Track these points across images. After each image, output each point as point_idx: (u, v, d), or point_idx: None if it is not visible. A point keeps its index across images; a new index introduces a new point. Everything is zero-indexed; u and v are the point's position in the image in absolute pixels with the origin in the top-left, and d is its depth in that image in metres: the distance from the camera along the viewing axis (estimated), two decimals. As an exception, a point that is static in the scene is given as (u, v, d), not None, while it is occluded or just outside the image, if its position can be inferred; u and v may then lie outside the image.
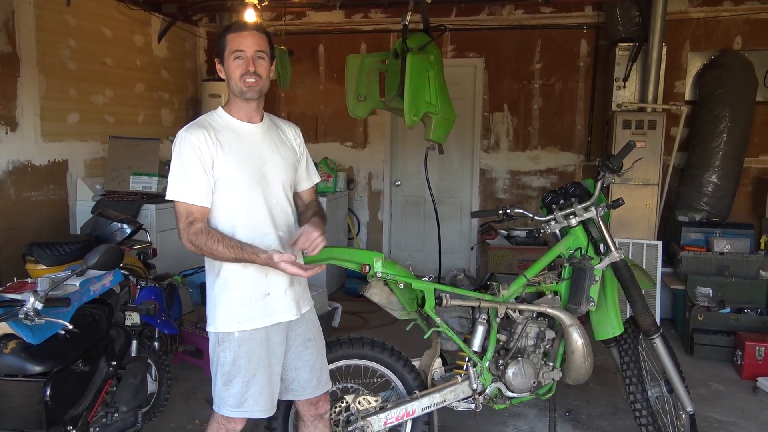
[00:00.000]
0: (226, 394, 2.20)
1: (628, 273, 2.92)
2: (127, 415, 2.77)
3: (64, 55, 5.02)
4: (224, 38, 2.17)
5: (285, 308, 2.25)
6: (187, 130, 2.12)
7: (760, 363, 4.19)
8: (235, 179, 2.13)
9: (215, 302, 2.20)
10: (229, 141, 2.15)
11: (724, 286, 4.77)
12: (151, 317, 3.26)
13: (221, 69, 2.20)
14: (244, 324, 2.17)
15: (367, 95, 3.90)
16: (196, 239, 2.06)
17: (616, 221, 5.32)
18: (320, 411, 2.48)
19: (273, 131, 2.30)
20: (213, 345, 2.23)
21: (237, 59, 2.14)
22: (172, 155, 2.13)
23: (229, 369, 2.19)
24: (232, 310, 2.17)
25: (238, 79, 2.14)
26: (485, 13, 6.42)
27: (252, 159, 2.18)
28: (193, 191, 2.09)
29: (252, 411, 2.22)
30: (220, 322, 2.18)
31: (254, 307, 2.18)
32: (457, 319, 2.89)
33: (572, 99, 6.38)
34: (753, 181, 5.96)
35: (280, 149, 2.29)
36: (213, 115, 2.23)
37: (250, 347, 2.18)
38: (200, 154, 2.09)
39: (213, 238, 2.06)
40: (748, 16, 5.84)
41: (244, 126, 2.21)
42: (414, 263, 4.22)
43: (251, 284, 2.18)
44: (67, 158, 5.11)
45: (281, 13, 6.44)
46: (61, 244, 3.55)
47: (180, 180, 2.10)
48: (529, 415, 3.66)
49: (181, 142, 2.11)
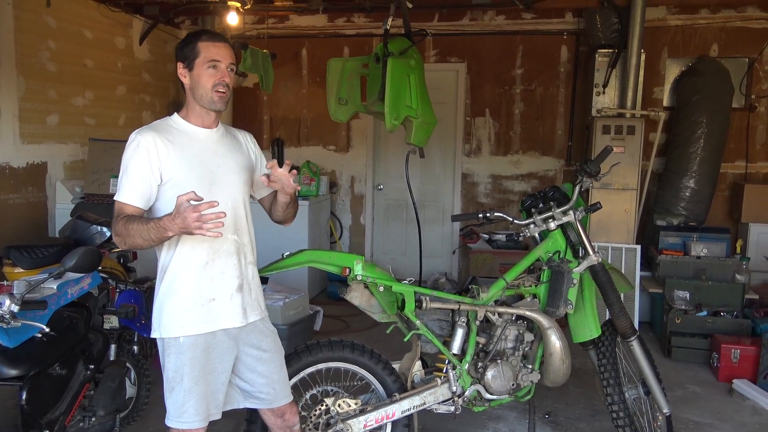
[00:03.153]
0: (169, 402, 2.17)
1: (605, 276, 2.96)
2: (105, 420, 2.76)
3: (43, 56, 4.97)
4: (196, 45, 2.14)
5: (231, 314, 2.21)
6: (138, 132, 2.14)
7: (735, 365, 4.26)
8: (185, 180, 2.11)
9: (160, 307, 2.16)
10: (182, 144, 2.15)
11: (700, 290, 4.83)
12: (130, 320, 3.24)
13: (185, 74, 2.17)
14: (188, 329, 2.14)
15: (348, 99, 3.92)
16: (119, 228, 2.04)
17: (595, 225, 5.38)
18: (288, 423, 2.45)
19: (227, 137, 2.31)
20: (161, 352, 2.20)
21: (211, 68, 2.13)
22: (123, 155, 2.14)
23: (172, 375, 2.15)
24: (176, 314, 2.14)
25: (210, 89, 2.14)
26: (467, 19, 6.47)
27: (204, 161, 2.18)
28: (129, 191, 2.09)
29: (191, 421, 2.15)
30: (164, 328, 2.15)
31: (198, 312, 2.15)
32: (437, 321, 2.91)
33: (553, 104, 6.45)
34: (729, 186, 6.07)
35: (234, 154, 2.29)
36: (168, 120, 2.24)
37: (194, 354, 2.14)
38: (147, 156, 2.09)
39: (132, 222, 2.01)
40: (725, 24, 5.95)
41: (198, 131, 2.22)
42: (396, 267, 4.24)
43: (195, 288, 2.15)
44: (46, 160, 5.06)
45: (264, 16, 6.44)
46: (39, 247, 3.52)
47: (122, 179, 2.11)
48: (509, 417, 3.69)
49: (130, 143, 2.13)
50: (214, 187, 2.16)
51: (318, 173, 6.50)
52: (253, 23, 6.76)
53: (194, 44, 2.15)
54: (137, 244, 2.04)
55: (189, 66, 2.16)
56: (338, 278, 3.57)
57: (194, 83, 2.16)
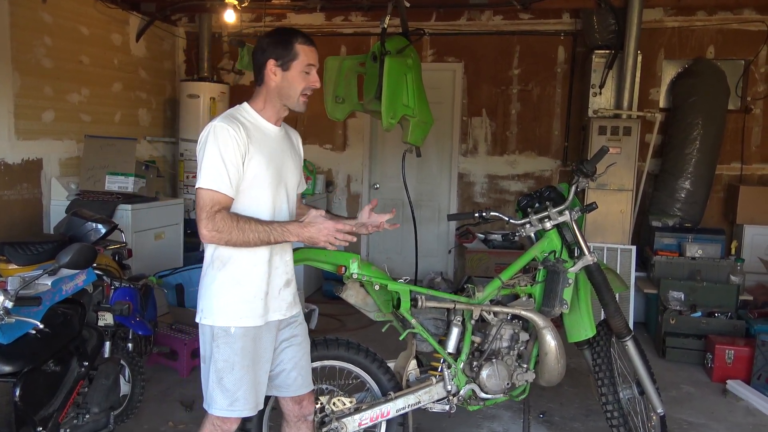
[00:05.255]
0: (217, 392, 2.19)
1: (600, 276, 2.96)
2: (99, 417, 2.75)
3: (39, 52, 4.95)
4: (294, 46, 2.15)
5: (278, 307, 2.28)
6: (224, 121, 2.09)
7: (729, 366, 4.27)
8: (262, 180, 2.15)
9: (215, 295, 2.17)
10: (259, 140, 2.16)
11: (695, 291, 4.85)
12: (124, 318, 3.23)
13: (277, 73, 2.16)
14: (245, 320, 2.17)
15: (345, 97, 3.91)
16: (224, 224, 2.02)
17: (591, 226, 5.39)
18: (304, 411, 2.48)
19: (287, 137, 2.35)
20: (206, 340, 2.21)
21: (307, 74, 2.17)
22: (206, 144, 2.08)
23: (222, 365, 2.17)
24: (234, 305, 2.17)
25: (300, 92, 2.18)
26: (465, 19, 6.47)
27: (275, 159, 2.20)
28: (226, 180, 2.06)
29: (243, 410, 2.22)
30: (219, 316, 2.17)
31: (255, 305, 2.20)
32: (433, 320, 2.91)
33: (549, 105, 6.46)
34: (724, 187, 6.09)
35: (293, 154, 2.35)
36: (242, 111, 2.21)
37: (245, 344, 2.18)
38: (237, 147, 2.07)
39: (243, 219, 2.05)
40: (721, 26, 5.96)
41: (270, 127, 2.23)
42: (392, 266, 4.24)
43: (258, 282, 2.20)
44: (41, 157, 5.04)
45: (261, 14, 6.43)
46: (33, 244, 3.50)
47: (216, 168, 2.05)
48: (504, 416, 3.69)
49: (219, 131, 2.07)
50: (280, 185, 2.23)
51: (314, 172, 6.50)
52: (250, 21, 6.74)
53: (291, 45, 2.15)
54: (243, 242, 2.06)
55: (284, 66, 2.16)
56: (334, 277, 3.57)
57: (286, 83, 2.17)
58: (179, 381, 4.11)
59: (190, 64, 6.95)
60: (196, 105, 6.27)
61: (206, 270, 2.23)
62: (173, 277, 4.72)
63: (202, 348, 2.24)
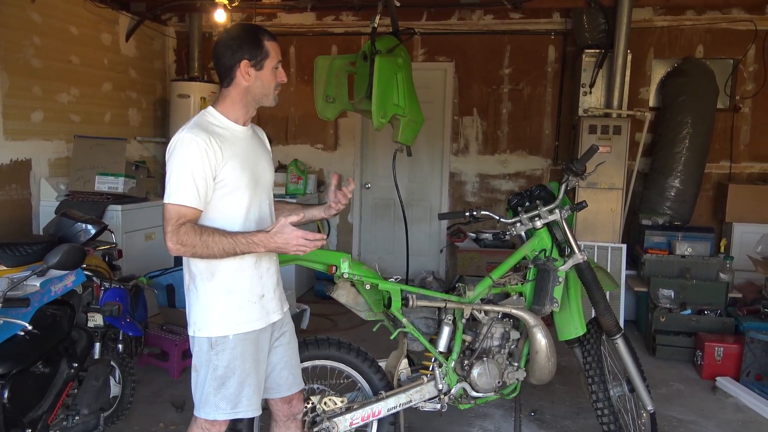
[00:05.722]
0: (218, 398, 2.16)
1: (591, 274, 2.98)
2: (89, 418, 2.74)
3: (28, 52, 4.92)
4: (264, 44, 2.14)
5: (274, 308, 2.28)
6: (191, 132, 2.04)
7: (719, 363, 4.30)
8: (239, 183, 2.11)
9: (208, 306, 2.14)
10: (229, 144, 2.11)
11: (685, 289, 4.88)
12: (114, 319, 3.21)
13: (250, 72, 2.13)
14: (242, 326, 2.16)
15: (335, 97, 3.91)
16: (188, 238, 1.98)
17: (582, 224, 5.41)
18: (294, 411, 2.48)
19: (255, 135, 2.31)
20: (203, 350, 2.17)
21: (277, 69, 2.17)
22: (173, 156, 2.03)
23: (223, 372, 2.15)
24: (229, 313, 2.15)
25: (273, 88, 2.18)
26: (455, 18, 6.48)
27: (248, 161, 2.17)
28: (193, 193, 2.01)
29: (246, 411, 2.21)
30: (214, 327, 2.14)
31: (251, 310, 2.18)
32: (423, 319, 2.91)
33: (540, 104, 6.48)
34: (713, 186, 6.13)
35: (264, 152, 2.31)
36: (208, 116, 2.16)
37: (245, 347, 2.17)
38: (206, 157, 2.02)
39: (207, 232, 2.01)
40: (710, 25, 6.00)
41: (239, 129, 2.20)
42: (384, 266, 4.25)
43: (249, 287, 2.18)
44: (30, 157, 5.01)
45: (252, 14, 6.41)
46: (22, 245, 3.46)
47: (182, 182, 2.00)
48: (495, 415, 3.70)
49: (187, 143, 2.02)
50: (257, 186, 2.20)
51: (305, 172, 6.48)
52: (240, 20, 6.72)
53: (262, 43, 2.14)
54: (209, 255, 2.03)
55: (258, 66, 2.13)
56: (325, 276, 3.57)
57: (260, 83, 2.15)
58: (170, 382, 4.10)
59: (181, 64, 6.92)
60: (186, 105, 6.24)
61: (190, 283, 2.18)
62: (164, 277, 4.71)
63: (196, 358, 2.19)
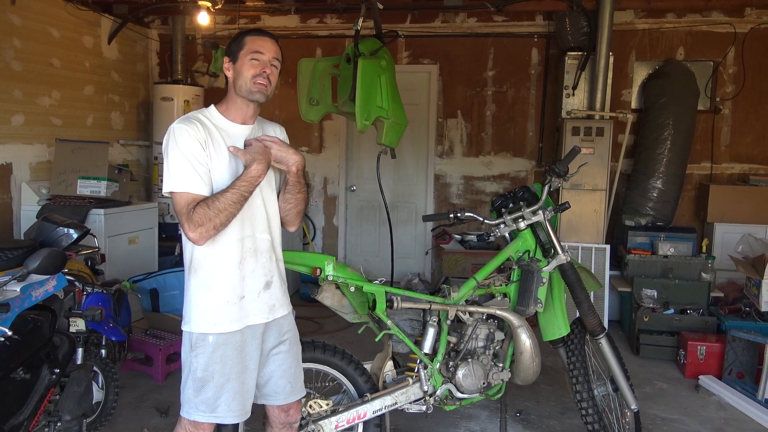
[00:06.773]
0: (198, 400, 2.15)
1: (574, 275, 3.00)
2: (71, 425, 2.70)
3: (7, 55, 4.87)
4: (243, 39, 2.17)
5: (257, 311, 2.22)
6: (183, 122, 2.07)
7: (701, 362, 4.34)
8: (219, 177, 2.10)
9: (191, 302, 2.16)
10: (218, 140, 2.13)
11: (668, 288, 4.92)
12: (97, 324, 3.18)
13: (229, 68, 2.17)
14: (219, 326, 2.14)
15: (319, 99, 3.90)
16: (200, 216, 1.99)
17: (566, 225, 5.45)
18: (290, 419, 2.45)
19: (261, 132, 2.29)
20: (186, 348, 2.18)
21: (253, 60, 2.14)
22: (168, 147, 2.06)
23: (202, 374, 2.14)
24: (208, 312, 2.14)
25: (249, 79, 2.14)
26: (439, 21, 6.51)
27: (237, 160, 2.15)
28: (196, 178, 2.03)
29: (224, 417, 2.17)
30: (195, 323, 2.14)
31: (229, 311, 2.15)
32: (408, 321, 2.91)
33: (524, 106, 6.52)
34: (695, 186, 6.20)
35: None
36: (204, 113, 2.19)
37: (225, 351, 2.15)
38: (200, 145, 2.05)
39: (211, 199, 2.02)
40: (690, 28, 6.07)
41: (234, 127, 2.19)
42: (370, 268, 4.25)
43: (229, 287, 2.15)
44: (10, 161, 4.95)
45: (235, 16, 6.40)
46: (2, 249, 3.43)
47: (183, 170, 2.03)
48: (481, 416, 3.71)
49: (180, 133, 2.05)
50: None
51: (290, 174, 6.45)
52: (224, 23, 6.70)
53: (241, 38, 2.17)
54: (229, 216, 2.04)
55: (233, 58, 2.16)
56: (311, 279, 3.56)
57: (236, 74, 2.15)
58: (154, 387, 4.07)
59: (164, 67, 6.89)
60: (169, 108, 6.21)
61: (185, 276, 2.20)
62: (147, 281, 4.66)
63: (183, 354, 2.21)
